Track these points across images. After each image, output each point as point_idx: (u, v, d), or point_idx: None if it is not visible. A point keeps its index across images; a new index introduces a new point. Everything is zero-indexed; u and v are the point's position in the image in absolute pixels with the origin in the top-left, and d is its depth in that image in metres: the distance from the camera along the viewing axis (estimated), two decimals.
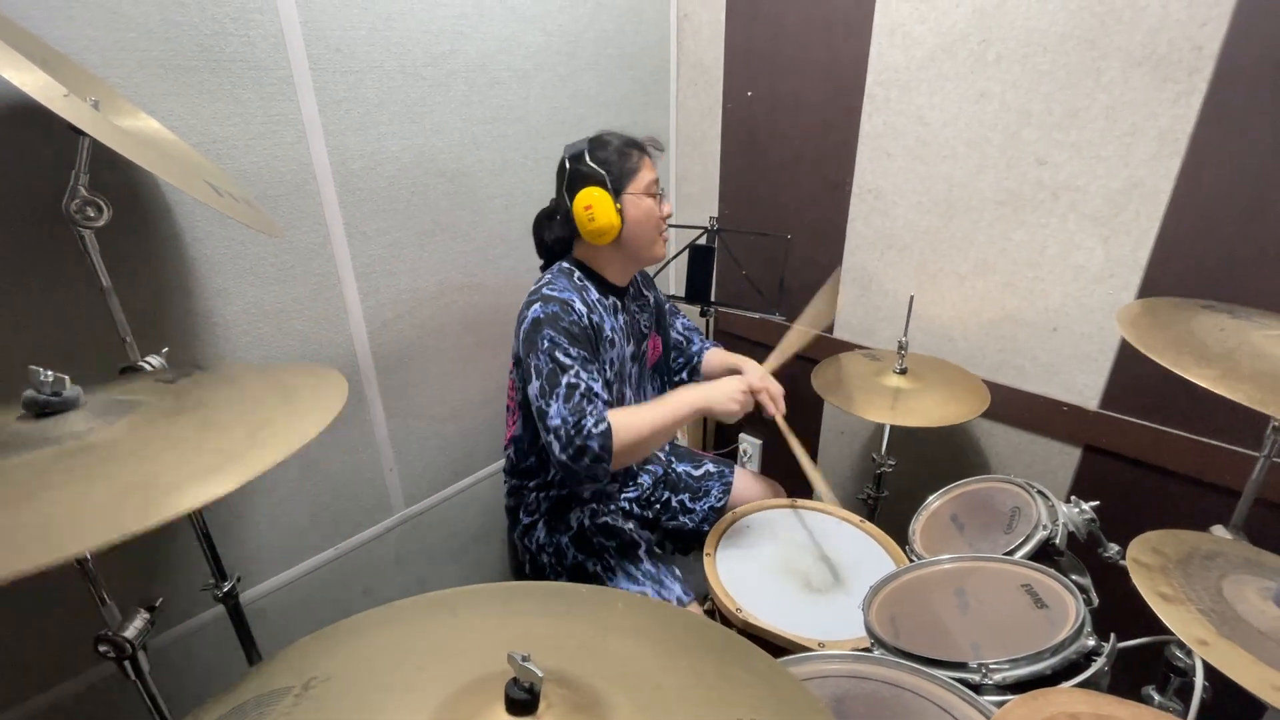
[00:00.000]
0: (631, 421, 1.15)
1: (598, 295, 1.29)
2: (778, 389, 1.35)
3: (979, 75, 1.41)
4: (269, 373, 0.78)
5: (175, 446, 0.55)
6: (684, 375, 1.61)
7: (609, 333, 1.29)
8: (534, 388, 1.16)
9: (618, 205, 1.22)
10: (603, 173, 1.22)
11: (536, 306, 1.19)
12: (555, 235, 1.34)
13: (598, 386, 1.16)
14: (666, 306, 1.58)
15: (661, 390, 1.57)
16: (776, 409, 1.33)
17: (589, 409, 1.12)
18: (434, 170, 1.42)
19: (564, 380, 1.14)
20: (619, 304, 1.34)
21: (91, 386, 0.74)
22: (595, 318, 1.25)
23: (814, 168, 1.75)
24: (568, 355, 1.15)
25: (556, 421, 1.12)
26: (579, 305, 1.21)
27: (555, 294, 1.20)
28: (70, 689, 1.11)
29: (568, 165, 1.25)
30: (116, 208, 0.87)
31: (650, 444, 1.18)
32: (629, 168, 1.24)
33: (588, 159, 1.23)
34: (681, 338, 1.60)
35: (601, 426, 1.11)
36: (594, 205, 1.20)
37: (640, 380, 1.47)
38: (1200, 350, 0.88)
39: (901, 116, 1.55)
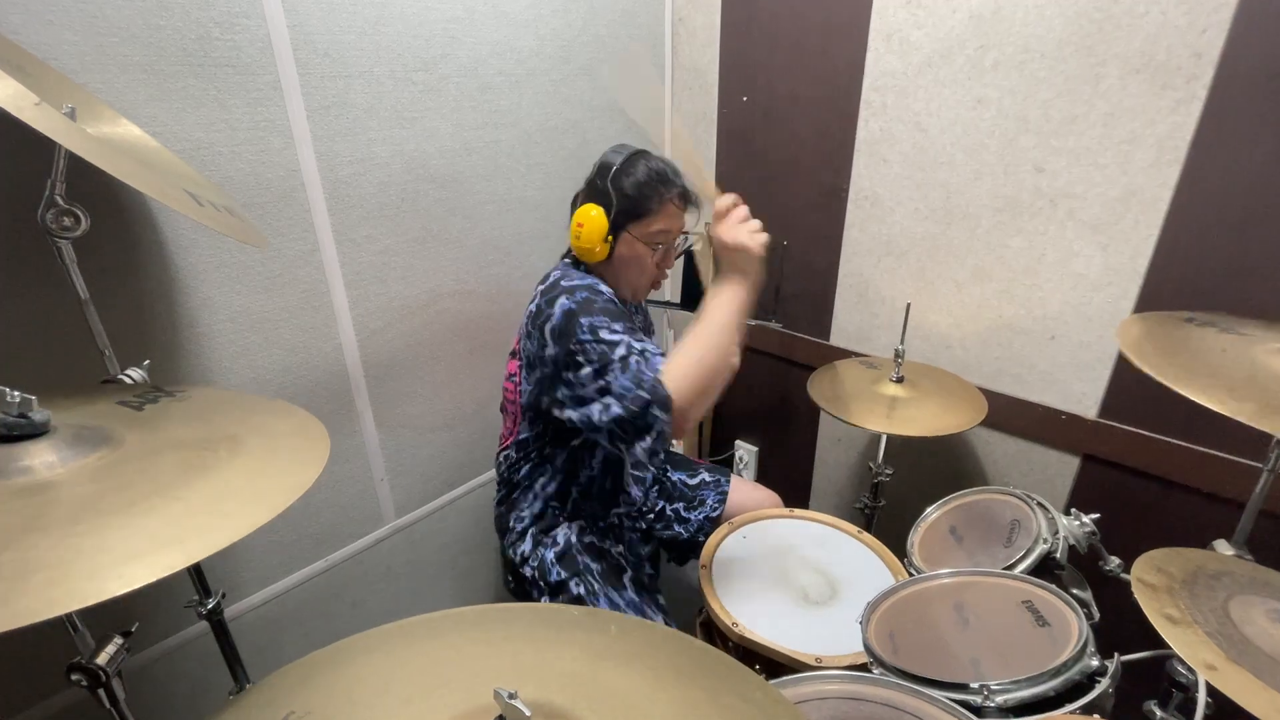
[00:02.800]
0: (686, 359, 1.04)
1: None
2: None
3: (976, 81, 1.40)
4: (248, 412, 0.76)
5: (123, 512, 0.53)
6: None
7: None
8: (587, 373, 1.07)
9: (608, 237, 1.17)
10: (612, 199, 1.16)
11: (564, 300, 1.12)
12: None
13: (650, 346, 1.08)
14: (650, 324, 1.55)
15: None
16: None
17: (645, 365, 1.03)
18: (425, 176, 1.40)
19: (616, 355, 1.05)
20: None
21: (61, 403, 0.72)
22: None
23: (810, 174, 1.74)
24: (612, 332, 1.08)
25: (620, 388, 1.03)
26: (603, 286, 1.17)
27: (577, 284, 1.15)
28: (41, 713, 1.08)
29: (594, 168, 1.21)
30: (97, 216, 0.85)
31: (716, 369, 1.05)
32: (643, 208, 1.17)
33: (609, 178, 1.16)
34: None
35: (662, 372, 1.02)
36: (585, 225, 1.17)
37: None
38: (1204, 368, 0.87)
39: (898, 122, 1.54)
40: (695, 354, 1.04)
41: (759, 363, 2.04)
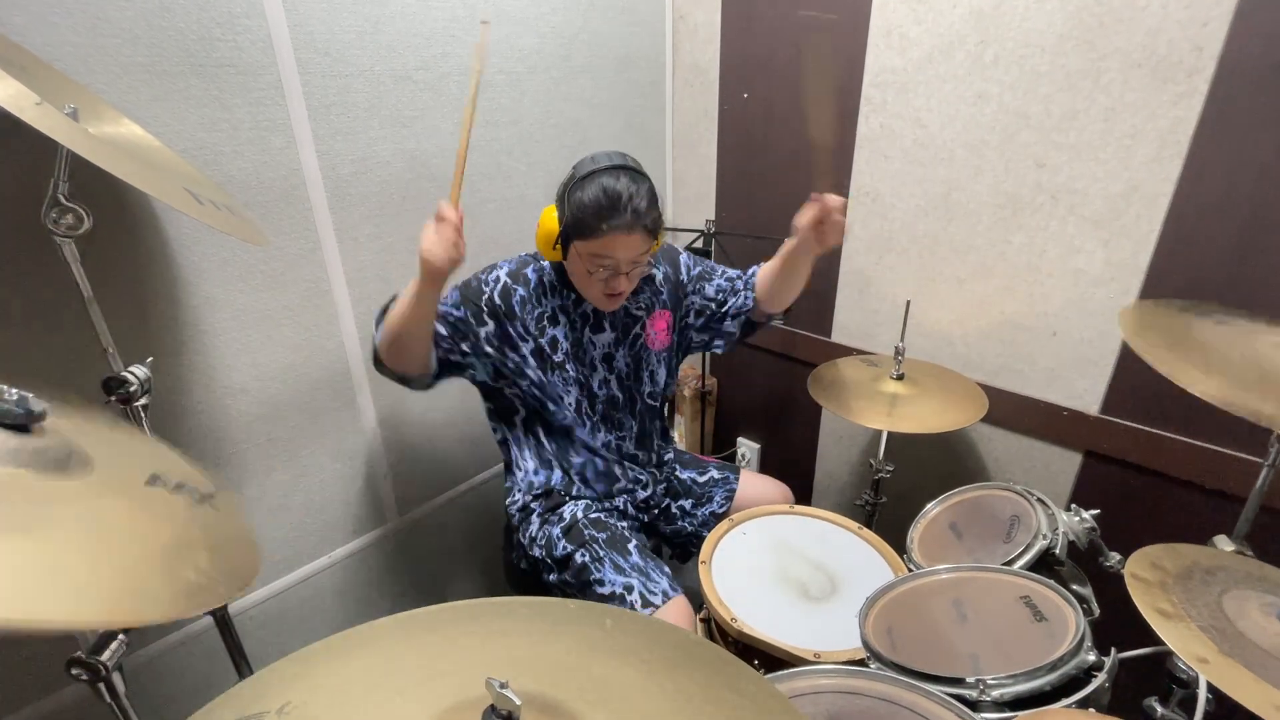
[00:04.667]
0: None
1: (557, 282, 1.28)
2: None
3: (976, 77, 1.39)
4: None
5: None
6: (735, 326, 1.45)
7: (548, 309, 1.27)
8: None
9: (556, 245, 1.18)
10: (565, 210, 1.15)
11: (488, 268, 1.27)
12: None
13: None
14: (696, 271, 1.43)
15: (673, 372, 1.49)
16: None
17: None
18: (426, 174, 1.40)
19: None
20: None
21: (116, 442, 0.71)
22: (519, 292, 1.25)
23: (811, 170, 1.73)
24: (444, 303, 1.21)
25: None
26: (501, 275, 1.25)
27: (491, 274, 1.25)
28: (45, 707, 1.10)
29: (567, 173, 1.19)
30: (100, 215, 0.86)
31: (402, 333, 1.12)
32: (582, 230, 1.13)
33: (569, 185, 1.15)
34: (723, 292, 1.43)
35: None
36: (541, 226, 1.18)
37: (639, 366, 1.40)
38: (1217, 365, 0.87)
39: (899, 119, 1.54)
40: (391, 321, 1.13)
41: (760, 360, 2.05)
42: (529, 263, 1.29)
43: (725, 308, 1.42)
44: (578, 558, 1.30)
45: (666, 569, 1.32)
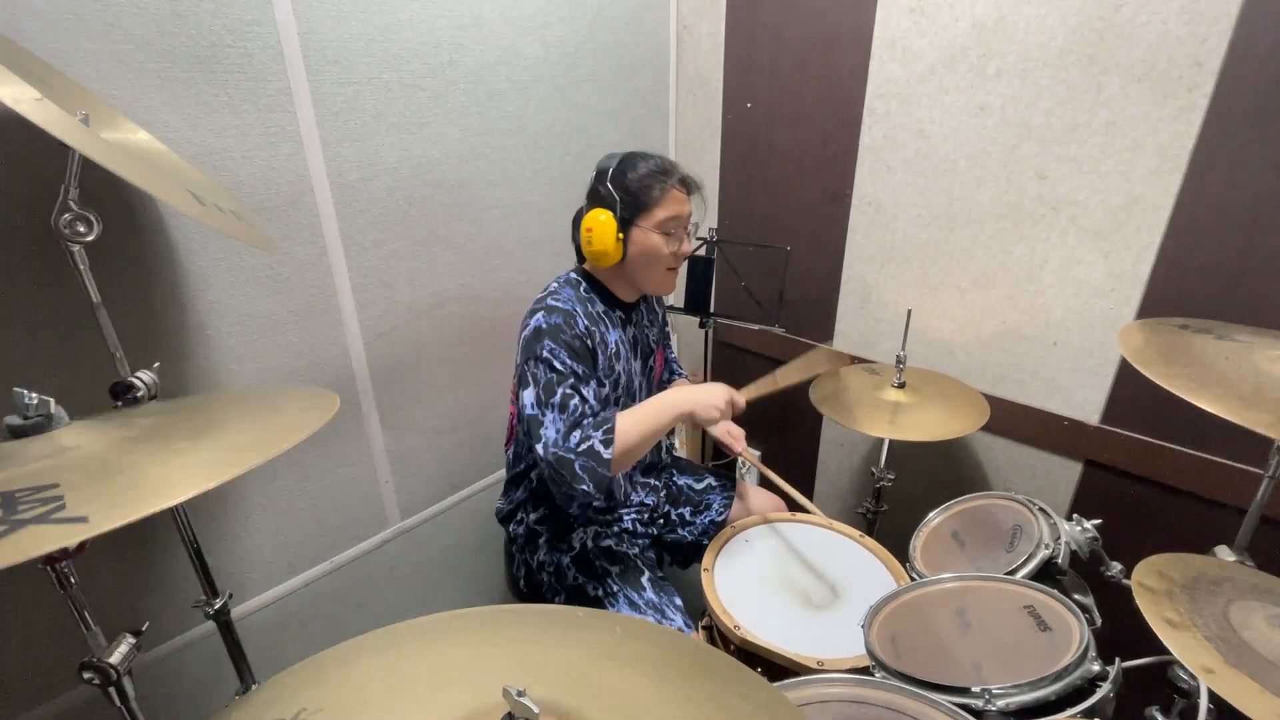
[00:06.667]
0: (621, 430, 1.13)
1: (604, 308, 1.28)
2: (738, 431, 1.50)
3: (979, 89, 1.41)
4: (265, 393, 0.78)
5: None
6: None
7: (613, 345, 1.27)
8: (529, 394, 1.15)
9: (620, 235, 1.20)
10: (616, 198, 1.19)
11: (540, 315, 1.18)
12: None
13: (592, 401, 1.16)
14: (666, 329, 1.57)
15: None
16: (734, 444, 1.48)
17: (583, 423, 1.12)
18: (431, 181, 1.41)
19: (560, 392, 1.13)
20: (625, 318, 1.33)
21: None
22: (599, 330, 1.23)
23: (813, 180, 1.75)
24: (565, 367, 1.14)
25: (551, 433, 1.11)
26: (581, 320, 1.20)
27: (559, 305, 1.19)
28: (53, 709, 1.09)
29: (592, 177, 1.24)
30: (109, 221, 0.86)
31: (638, 451, 1.16)
32: (647, 199, 1.21)
33: (609, 179, 1.20)
34: (671, 363, 1.62)
35: (589, 444, 1.11)
36: (595, 229, 1.19)
37: (649, 396, 1.45)
38: (1212, 376, 0.87)
39: (901, 130, 1.55)
40: (634, 435, 1.14)
41: (762, 368, 2.04)
42: (576, 296, 1.24)
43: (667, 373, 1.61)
44: (590, 590, 1.29)
45: (679, 601, 1.31)
